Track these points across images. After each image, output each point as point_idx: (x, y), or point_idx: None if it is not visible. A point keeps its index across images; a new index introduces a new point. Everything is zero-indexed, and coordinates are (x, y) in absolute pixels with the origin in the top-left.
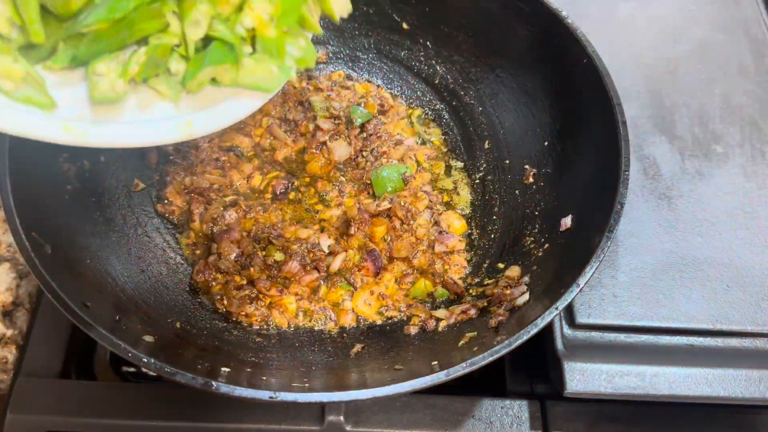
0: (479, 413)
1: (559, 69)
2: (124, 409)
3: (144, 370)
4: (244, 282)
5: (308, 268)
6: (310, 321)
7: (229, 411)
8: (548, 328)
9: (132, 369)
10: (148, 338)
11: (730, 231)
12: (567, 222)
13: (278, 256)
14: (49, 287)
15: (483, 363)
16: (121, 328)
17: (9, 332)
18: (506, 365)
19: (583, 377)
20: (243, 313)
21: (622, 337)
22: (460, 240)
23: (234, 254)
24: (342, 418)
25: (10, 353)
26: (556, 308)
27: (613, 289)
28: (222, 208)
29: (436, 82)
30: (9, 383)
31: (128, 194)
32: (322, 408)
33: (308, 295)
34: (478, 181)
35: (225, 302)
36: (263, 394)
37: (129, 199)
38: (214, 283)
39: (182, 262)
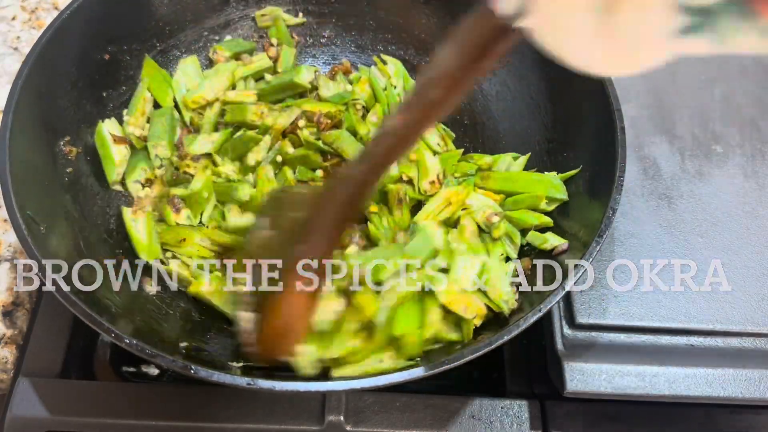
0: (479, 413)
1: (561, 71)
2: (124, 409)
3: (126, 348)
4: None
5: None
6: None
7: (229, 411)
8: (548, 328)
9: (132, 369)
10: (138, 322)
11: (730, 231)
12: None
13: None
14: (39, 263)
15: (462, 360)
16: (110, 310)
17: (9, 332)
18: (506, 365)
19: (583, 377)
20: None
21: (622, 337)
22: None
23: None
24: (342, 417)
25: (10, 353)
26: (540, 310)
27: (613, 289)
28: None
29: None
30: (9, 383)
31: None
32: (322, 408)
33: None
34: None
35: None
36: (241, 381)
37: None
38: None
39: None
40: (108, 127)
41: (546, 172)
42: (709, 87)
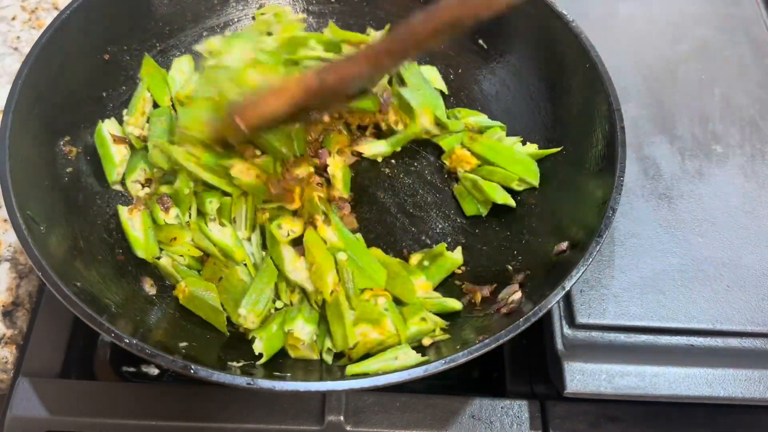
0: (479, 413)
1: (561, 71)
2: (124, 409)
3: (126, 348)
4: None
5: None
6: None
7: (229, 411)
8: (548, 328)
9: (132, 369)
10: (138, 322)
11: (730, 231)
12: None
13: None
14: (38, 264)
15: (461, 361)
16: (110, 310)
17: (9, 332)
18: (506, 365)
19: (583, 377)
20: None
21: (622, 337)
22: None
23: None
24: (342, 417)
25: (10, 353)
26: (540, 310)
27: (613, 289)
28: None
29: None
30: (9, 383)
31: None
32: (322, 408)
33: None
34: None
35: None
36: (241, 381)
37: None
38: None
39: None
40: (108, 127)
41: (528, 150)
42: (709, 87)
